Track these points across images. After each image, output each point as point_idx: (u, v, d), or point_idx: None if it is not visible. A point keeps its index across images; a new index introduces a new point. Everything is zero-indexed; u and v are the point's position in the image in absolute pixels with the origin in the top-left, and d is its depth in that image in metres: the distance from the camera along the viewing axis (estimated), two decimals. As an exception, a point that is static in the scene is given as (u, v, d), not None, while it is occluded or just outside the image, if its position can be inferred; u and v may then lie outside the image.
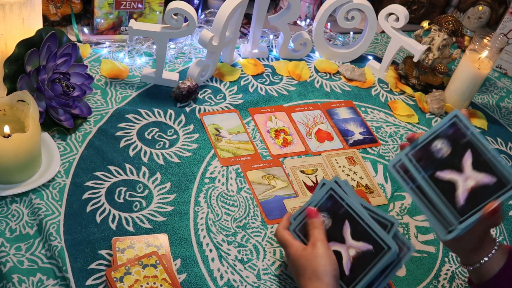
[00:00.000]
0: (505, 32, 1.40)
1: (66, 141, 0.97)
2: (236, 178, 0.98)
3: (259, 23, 1.22)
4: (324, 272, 0.72)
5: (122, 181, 0.93)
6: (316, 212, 0.80)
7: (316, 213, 0.80)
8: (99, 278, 0.79)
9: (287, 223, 0.83)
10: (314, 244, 0.76)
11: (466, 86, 1.22)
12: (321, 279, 0.72)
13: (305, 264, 0.74)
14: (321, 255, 0.74)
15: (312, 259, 0.74)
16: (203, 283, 0.82)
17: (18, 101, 0.87)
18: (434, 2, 1.52)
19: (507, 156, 1.18)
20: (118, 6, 1.18)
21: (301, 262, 0.75)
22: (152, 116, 1.06)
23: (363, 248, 0.75)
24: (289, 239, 0.79)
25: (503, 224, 1.03)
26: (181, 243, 0.86)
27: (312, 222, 0.79)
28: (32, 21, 0.95)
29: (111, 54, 1.18)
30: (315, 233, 0.77)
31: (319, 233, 0.77)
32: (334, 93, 1.24)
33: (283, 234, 0.80)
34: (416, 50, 1.22)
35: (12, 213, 0.84)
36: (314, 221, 0.79)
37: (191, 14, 1.04)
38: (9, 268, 0.77)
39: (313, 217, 0.79)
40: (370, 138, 1.13)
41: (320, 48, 1.32)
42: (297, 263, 0.76)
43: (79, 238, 0.83)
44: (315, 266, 0.73)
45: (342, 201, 0.78)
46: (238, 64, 1.24)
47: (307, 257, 0.75)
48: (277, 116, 1.13)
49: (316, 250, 0.75)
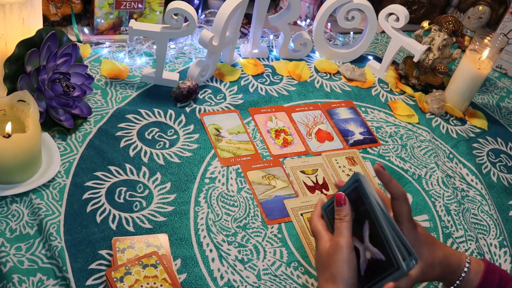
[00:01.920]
0: (505, 32, 1.40)
1: (66, 141, 0.97)
2: (236, 178, 0.98)
3: (259, 23, 1.22)
4: (341, 279, 0.71)
5: (122, 181, 0.93)
6: (344, 199, 0.74)
7: (344, 200, 0.74)
8: (99, 278, 0.79)
9: (321, 211, 0.80)
10: (337, 246, 0.72)
11: (466, 86, 1.22)
12: (337, 284, 0.71)
13: (326, 264, 0.73)
14: (342, 260, 0.71)
15: (333, 262, 0.72)
16: (203, 283, 0.82)
17: (18, 101, 0.87)
18: (434, 2, 1.52)
19: (507, 156, 1.18)
20: (118, 6, 1.18)
21: (323, 261, 0.73)
22: (152, 116, 1.06)
23: (377, 255, 0.71)
24: (320, 231, 0.76)
25: (503, 224, 1.03)
26: (181, 243, 0.86)
27: (339, 210, 0.75)
28: (32, 21, 0.95)
29: (111, 54, 1.18)
30: (341, 228, 0.73)
31: (345, 228, 0.73)
32: (334, 93, 1.24)
33: (316, 223, 0.78)
34: (416, 50, 1.22)
35: (12, 213, 0.84)
36: (342, 209, 0.74)
37: (191, 14, 1.04)
38: (9, 268, 0.77)
39: (340, 204, 0.75)
40: (370, 138, 1.13)
41: (320, 48, 1.32)
42: (320, 260, 0.74)
43: (79, 238, 0.83)
44: (334, 270, 0.71)
45: (365, 198, 0.73)
46: (238, 64, 1.24)
47: (328, 257, 0.73)
48: (277, 116, 1.13)
49: (339, 254, 0.72)
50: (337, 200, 0.75)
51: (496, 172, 1.14)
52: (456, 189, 1.07)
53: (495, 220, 1.03)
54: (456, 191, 1.06)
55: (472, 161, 1.14)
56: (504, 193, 1.09)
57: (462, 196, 1.06)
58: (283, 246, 0.89)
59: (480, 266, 0.77)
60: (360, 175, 0.74)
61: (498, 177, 1.13)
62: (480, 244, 0.97)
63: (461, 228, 0.99)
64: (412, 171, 1.08)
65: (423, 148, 1.14)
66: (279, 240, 0.90)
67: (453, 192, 1.05)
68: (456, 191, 1.06)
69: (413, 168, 1.09)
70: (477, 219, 1.02)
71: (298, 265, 0.87)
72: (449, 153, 1.15)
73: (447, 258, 0.75)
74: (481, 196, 1.07)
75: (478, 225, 1.01)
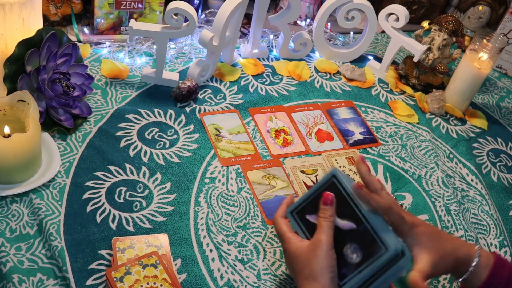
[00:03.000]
0: (505, 32, 1.40)
1: (66, 141, 0.97)
2: (236, 178, 0.98)
3: (259, 23, 1.22)
4: (321, 274, 0.70)
5: (122, 181, 0.93)
6: (331, 199, 0.75)
7: (332, 200, 0.75)
8: (99, 278, 0.79)
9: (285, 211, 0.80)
10: (319, 243, 0.72)
11: (466, 86, 1.22)
12: (318, 280, 0.70)
13: (303, 263, 0.72)
14: (322, 256, 0.71)
15: (312, 259, 0.72)
16: (203, 283, 0.82)
17: (18, 101, 0.87)
18: (434, 2, 1.52)
19: (507, 156, 1.18)
20: (118, 6, 1.18)
21: (300, 260, 0.73)
22: (152, 116, 1.06)
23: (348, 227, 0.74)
24: (286, 233, 0.76)
25: (503, 224, 1.03)
26: (181, 243, 0.86)
27: (324, 210, 0.75)
28: (32, 21, 0.95)
29: (111, 54, 1.18)
30: (324, 226, 0.74)
31: (329, 228, 0.73)
32: (334, 93, 1.24)
33: (281, 225, 0.78)
34: (416, 50, 1.22)
35: (12, 213, 0.84)
36: (328, 208, 0.75)
37: (191, 14, 1.04)
38: (9, 268, 0.77)
39: (328, 203, 0.75)
40: (370, 138, 1.13)
41: (320, 48, 1.32)
42: (296, 260, 0.74)
43: (79, 238, 0.83)
44: (314, 265, 0.71)
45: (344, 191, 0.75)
46: (238, 64, 1.24)
47: (307, 255, 0.72)
48: (277, 116, 1.13)
49: (319, 250, 0.72)
50: (324, 199, 0.75)
51: (496, 172, 1.14)
52: (456, 189, 1.07)
53: (495, 220, 1.02)
54: (456, 191, 1.06)
55: (472, 161, 1.14)
56: (504, 193, 1.09)
57: (462, 196, 1.06)
58: (283, 246, 0.89)
59: (490, 259, 0.76)
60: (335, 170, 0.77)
61: (498, 177, 1.13)
62: (480, 244, 0.97)
63: (461, 228, 0.99)
64: (412, 171, 1.08)
65: (423, 148, 1.14)
66: (279, 240, 0.90)
67: (453, 192, 1.05)
68: (456, 191, 1.06)
69: (413, 168, 1.09)
70: (477, 219, 1.02)
71: (298, 265, 0.87)
72: (449, 153, 1.15)
73: (456, 250, 0.76)
74: (481, 196, 1.07)
75: (478, 225, 1.01)
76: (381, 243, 0.71)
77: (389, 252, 0.70)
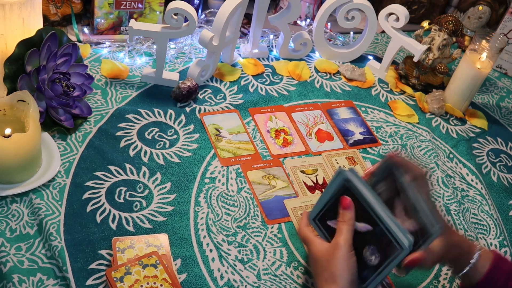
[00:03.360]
0: (505, 32, 1.40)
1: (66, 141, 0.97)
2: (236, 178, 0.98)
3: (259, 23, 1.22)
4: (340, 276, 0.72)
5: (122, 181, 0.93)
6: (350, 204, 0.76)
7: (351, 204, 0.76)
8: (99, 278, 0.79)
9: (308, 221, 0.82)
10: (337, 245, 0.74)
11: (466, 86, 1.22)
12: (337, 282, 0.71)
13: (324, 265, 0.74)
14: (341, 258, 0.72)
15: (332, 260, 0.73)
16: (203, 283, 0.82)
17: (18, 101, 0.87)
18: (434, 2, 1.52)
19: (507, 156, 1.18)
20: (118, 6, 1.18)
21: (321, 263, 0.74)
22: (152, 116, 1.06)
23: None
24: (310, 237, 0.79)
25: (503, 224, 1.03)
26: (181, 243, 0.86)
27: (343, 214, 0.76)
28: (32, 21, 0.95)
29: (111, 54, 1.18)
30: (344, 230, 0.75)
31: (347, 231, 0.75)
32: (334, 93, 1.24)
33: (305, 231, 0.80)
34: (416, 50, 1.22)
35: (12, 213, 0.84)
36: (346, 213, 0.76)
37: (191, 14, 1.04)
38: (9, 268, 0.77)
39: (347, 208, 0.76)
40: (370, 138, 1.13)
41: (320, 48, 1.32)
42: (317, 263, 0.75)
43: (79, 238, 0.83)
44: (334, 268, 0.72)
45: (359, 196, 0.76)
46: (238, 64, 1.24)
47: (327, 257, 0.74)
48: (277, 116, 1.13)
49: (338, 252, 0.73)
50: (343, 204, 0.76)
51: (496, 172, 1.14)
52: (456, 189, 1.07)
53: (495, 220, 1.02)
54: (456, 191, 1.06)
55: (472, 161, 1.14)
56: (504, 193, 1.09)
57: (462, 196, 1.06)
58: (283, 246, 0.89)
59: (489, 256, 0.79)
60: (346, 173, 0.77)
61: (498, 177, 1.13)
62: (480, 244, 0.97)
63: (461, 228, 0.99)
64: (412, 171, 1.08)
65: (423, 148, 1.14)
66: (279, 240, 0.90)
67: (453, 192, 1.05)
68: (456, 191, 1.06)
69: (413, 168, 1.09)
70: (477, 219, 1.02)
71: (298, 265, 0.87)
72: (449, 153, 1.15)
73: (460, 243, 0.79)
74: (481, 196, 1.07)
75: (478, 225, 1.01)
76: (396, 243, 0.72)
77: (404, 251, 0.71)
